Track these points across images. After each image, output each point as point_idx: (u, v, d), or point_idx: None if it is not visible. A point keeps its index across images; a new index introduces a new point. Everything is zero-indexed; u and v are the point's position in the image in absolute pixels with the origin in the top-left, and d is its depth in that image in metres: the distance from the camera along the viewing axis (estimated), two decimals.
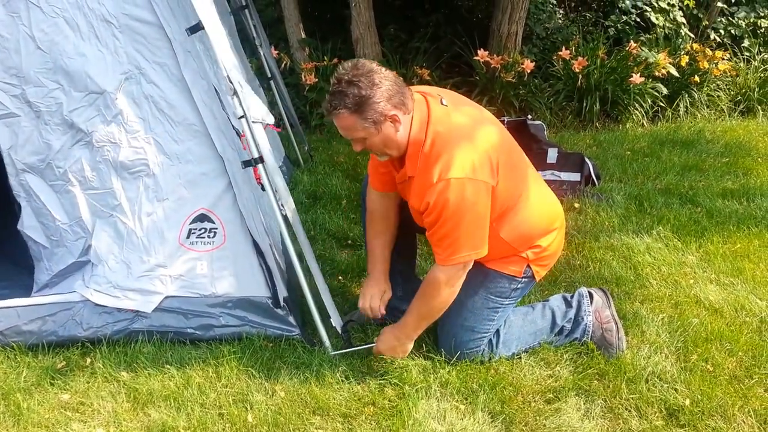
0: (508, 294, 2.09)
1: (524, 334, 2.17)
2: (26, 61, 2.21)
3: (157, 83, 2.23)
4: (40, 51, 2.21)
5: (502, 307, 2.10)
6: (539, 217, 2.06)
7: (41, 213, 2.31)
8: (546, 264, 2.14)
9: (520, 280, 2.08)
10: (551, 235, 2.09)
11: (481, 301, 2.07)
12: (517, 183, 1.99)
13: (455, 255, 1.88)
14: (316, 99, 4.59)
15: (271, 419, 1.86)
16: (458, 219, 1.83)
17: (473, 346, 2.10)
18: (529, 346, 2.17)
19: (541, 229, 2.06)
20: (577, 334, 2.20)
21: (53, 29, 2.20)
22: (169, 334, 2.22)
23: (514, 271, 2.06)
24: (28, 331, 2.18)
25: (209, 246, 2.29)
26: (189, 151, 2.27)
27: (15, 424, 1.85)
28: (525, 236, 2.03)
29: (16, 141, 2.26)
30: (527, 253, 2.05)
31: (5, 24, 2.19)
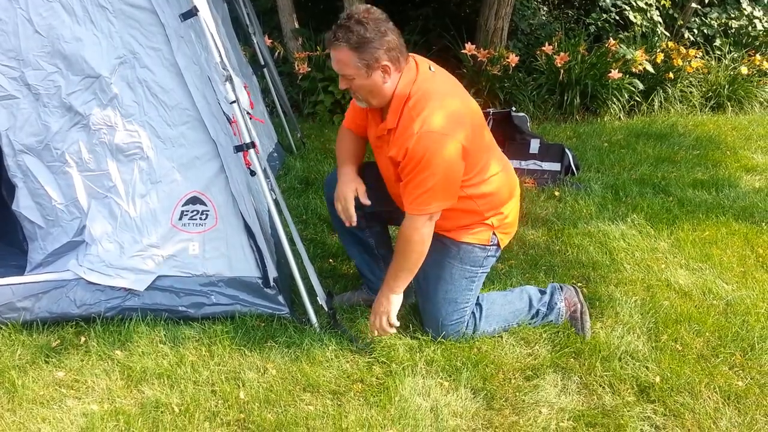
0: (481, 262, 2.11)
1: (504, 312, 2.18)
2: (25, 44, 2.14)
3: (150, 68, 2.17)
4: (38, 35, 2.14)
5: (476, 276, 2.12)
6: (502, 185, 2.08)
7: (37, 193, 2.25)
8: (508, 232, 2.17)
9: (489, 248, 2.10)
10: (511, 203, 2.13)
11: (458, 272, 2.08)
12: (483, 151, 2.01)
13: (426, 206, 1.88)
14: (308, 88, 4.53)
15: (263, 396, 1.83)
16: (433, 171, 1.83)
17: (456, 317, 2.10)
18: (509, 324, 2.18)
19: (504, 196, 2.09)
20: (551, 317, 2.21)
21: (50, 13, 2.12)
22: (163, 312, 2.18)
23: (483, 240, 2.08)
24: (22, 308, 2.13)
25: (201, 227, 2.25)
26: (182, 135, 2.21)
27: (9, 401, 1.81)
28: (491, 201, 2.05)
29: (14, 122, 2.19)
30: (492, 220, 2.07)
31: (3, 7, 2.11)
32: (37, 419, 1.73)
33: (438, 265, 2.06)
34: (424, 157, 1.82)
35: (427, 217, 1.91)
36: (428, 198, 1.87)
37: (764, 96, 5.29)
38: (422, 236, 1.93)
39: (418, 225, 1.91)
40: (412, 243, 1.93)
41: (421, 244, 1.94)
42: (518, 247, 2.79)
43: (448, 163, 1.84)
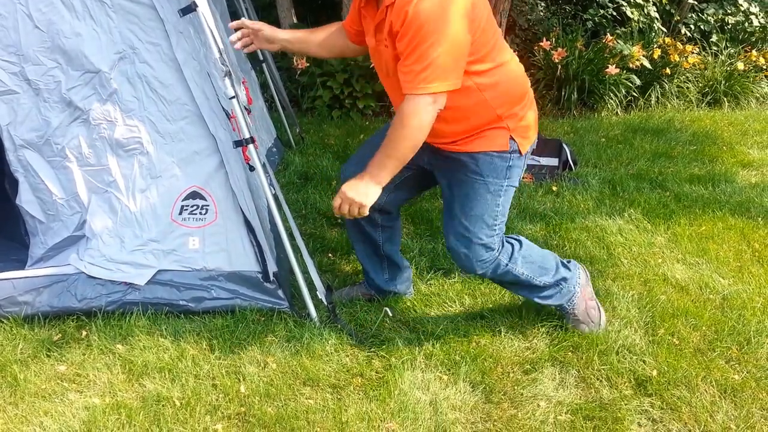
0: (504, 173, 1.89)
1: (538, 261, 2.06)
2: (25, 39, 2.12)
3: (150, 63, 2.16)
4: (38, 30, 2.12)
5: (502, 189, 1.91)
6: (514, 79, 1.86)
7: (38, 188, 2.24)
8: (527, 136, 1.92)
9: (510, 156, 1.88)
10: (526, 105, 1.91)
11: (481, 186, 1.88)
12: (492, 30, 1.78)
13: (428, 83, 1.62)
14: (307, 83, 4.51)
15: (263, 390, 1.83)
16: (437, 39, 1.60)
17: (486, 237, 1.91)
18: (534, 277, 2.04)
19: (516, 93, 1.86)
20: (563, 301, 2.11)
21: (50, 9, 2.10)
22: (163, 307, 2.17)
23: (500, 145, 1.86)
24: (23, 302, 2.12)
25: (201, 222, 2.24)
26: (182, 130, 2.20)
27: (12, 395, 1.80)
28: (502, 95, 1.82)
29: (15, 117, 2.18)
30: (507, 122, 1.85)
31: (3, 3, 2.09)
32: (39, 413, 1.73)
33: (459, 183, 1.90)
34: (426, 23, 1.59)
35: (430, 99, 1.65)
36: (431, 73, 1.62)
37: (760, 92, 5.28)
38: (421, 122, 1.66)
39: (419, 107, 1.65)
40: (408, 128, 1.67)
41: (418, 130, 1.67)
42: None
43: (454, 30, 1.61)
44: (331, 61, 4.47)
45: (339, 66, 4.45)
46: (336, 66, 4.45)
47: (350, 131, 4.22)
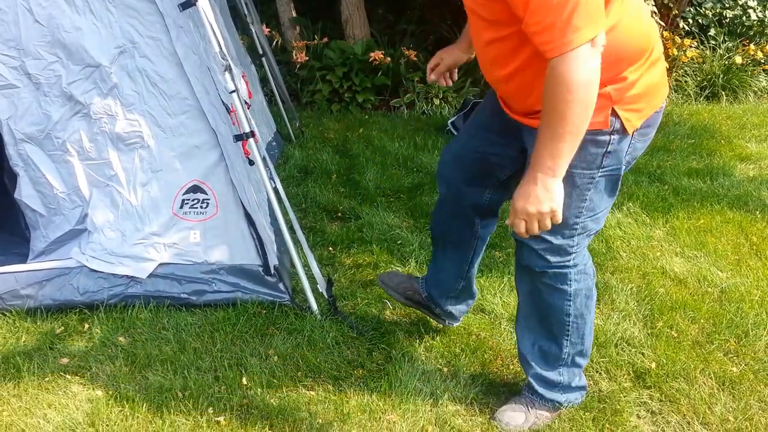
0: (599, 162, 1.47)
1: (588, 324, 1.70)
2: (25, 34, 2.11)
3: (150, 57, 2.15)
4: (38, 24, 2.11)
5: (593, 182, 1.50)
6: (629, 33, 1.40)
7: (39, 182, 2.23)
8: (638, 109, 1.46)
9: (609, 138, 1.45)
10: (641, 67, 1.44)
11: (567, 179, 1.40)
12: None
13: (575, 34, 1.24)
14: (306, 77, 4.50)
15: (265, 382, 1.84)
16: None
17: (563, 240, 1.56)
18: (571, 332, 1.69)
19: (631, 50, 1.42)
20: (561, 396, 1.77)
21: (50, 3, 2.10)
22: (165, 300, 2.18)
23: (596, 122, 1.40)
24: (26, 295, 2.13)
25: (202, 216, 2.24)
26: (182, 124, 2.20)
27: (15, 387, 1.80)
28: (611, 51, 1.36)
29: (15, 111, 2.17)
30: (608, 89, 1.40)
31: None
32: (42, 405, 1.73)
33: None
34: None
35: (587, 48, 1.26)
36: (578, 19, 1.23)
37: (758, 85, 5.28)
38: (589, 74, 1.28)
39: (578, 63, 1.26)
40: (575, 90, 1.28)
41: (588, 87, 1.28)
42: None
43: None
44: (330, 55, 4.46)
45: (338, 60, 4.44)
46: (335, 60, 4.44)
47: (349, 125, 4.21)
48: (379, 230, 2.79)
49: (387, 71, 4.46)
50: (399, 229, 2.82)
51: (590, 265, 1.67)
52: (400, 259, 2.58)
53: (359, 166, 3.49)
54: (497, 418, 1.74)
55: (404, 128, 4.15)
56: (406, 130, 4.11)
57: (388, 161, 3.57)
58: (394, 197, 3.17)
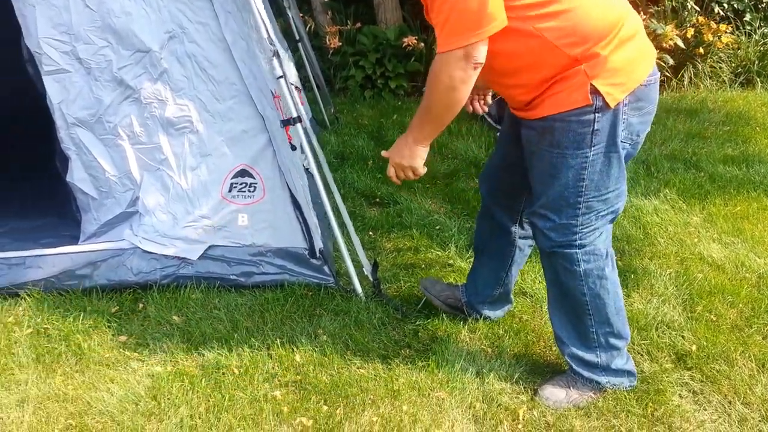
0: (589, 141, 1.55)
1: (614, 305, 1.76)
2: (76, 19, 2.20)
3: (199, 43, 2.23)
4: (89, 9, 2.19)
5: (587, 160, 1.57)
6: (592, 13, 1.50)
7: (91, 166, 2.34)
8: (619, 83, 1.52)
9: (593, 116, 1.53)
10: (611, 44, 1.50)
11: (559, 160, 1.58)
12: None
13: (450, 37, 1.45)
14: (339, 62, 4.57)
15: (317, 359, 1.94)
16: None
17: (567, 219, 1.65)
18: (594, 313, 1.76)
19: (594, 28, 1.49)
20: (601, 377, 1.84)
21: None
22: (215, 281, 2.28)
23: (576, 101, 1.52)
24: (81, 275, 2.24)
25: (249, 200, 2.33)
26: (231, 109, 2.29)
27: (78, 363, 1.92)
28: (572, 32, 1.49)
29: (67, 96, 2.26)
30: (582, 67, 1.50)
31: None
32: (105, 379, 1.85)
33: (536, 157, 1.65)
34: None
35: (459, 54, 1.45)
36: (452, 25, 1.44)
37: None
38: (451, 81, 1.48)
39: (447, 65, 1.47)
40: (437, 89, 1.52)
41: (449, 90, 1.50)
42: None
43: None
44: (363, 40, 4.52)
45: (371, 46, 4.49)
46: (368, 45, 4.50)
47: (383, 111, 4.28)
48: (418, 215, 2.88)
49: (420, 57, 4.51)
50: (437, 214, 2.91)
51: (603, 248, 1.71)
52: (440, 244, 2.66)
53: None
54: (539, 393, 1.83)
55: None
56: None
57: None
58: (430, 183, 3.25)
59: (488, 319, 2.14)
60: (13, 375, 1.86)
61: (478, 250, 2.09)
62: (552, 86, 1.55)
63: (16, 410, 1.72)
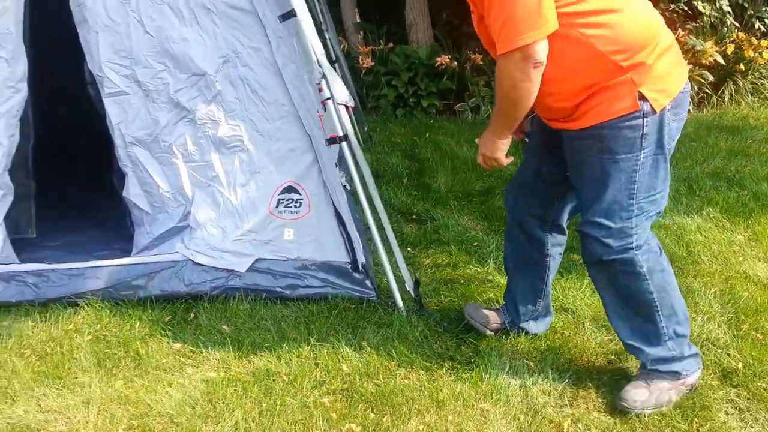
0: (639, 144, 1.67)
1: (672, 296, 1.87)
2: (136, 44, 2.39)
3: (251, 67, 2.40)
4: (149, 35, 2.39)
5: (638, 163, 1.69)
6: (635, 24, 1.63)
7: (146, 182, 2.51)
8: (663, 89, 1.65)
9: (641, 120, 1.64)
10: (654, 52, 1.64)
11: (610, 165, 1.69)
12: None
13: (509, 39, 1.55)
14: (372, 81, 4.75)
15: (363, 369, 2.04)
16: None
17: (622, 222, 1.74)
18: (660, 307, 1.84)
19: (638, 38, 1.62)
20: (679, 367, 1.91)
21: (159, 15, 2.37)
22: (262, 293, 2.42)
23: (625, 107, 1.64)
24: (136, 286, 2.40)
25: (295, 215, 2.48)
26: (279, 129, 2.44)
27: (137, 368, 2.07)
28: (619, 41, 1.61)
29: (125, 117, 2.45)
30: (629, 75, 1.62)
31: (116, 10, 2.37)
32: (163, 384, 1.99)
33: (584, 165, 1.75)
34: None
35: (518, 55, 1.56)
36: (508, 29, 1.54)
37: None
38: (513, 81, 1.60)
39: (507, 66, 1.59)
40: (502, 88, 1.65)
41: (512, 89, 1.62)
42: None
43: None
44: (395, 60, 4.70)
45: (403, 65, 4.66)
46: (400, 65, 4.67)
47: (416, 129, 4.42)
48: (455, 232, 2.98)
49: (452, 75, 4.66)
50: (474, 231, 3.01)
51: (655, 244, 1.83)
52: (479, 260, 2.76)
53: (429, 169, 3.70)
54: (622, 398, 1.88)
55: (470, 132, 4.34)
56: (473, 135, 4.28)
57: (457, 165, 3.77)
58: (466, 200, 3.35)
59: (531, 334, 2.21)
60: (76, 378, 2.01)
61: (510, 267, 2.19)
62: (596, 94, 1.65)
63: (81, 410, 1.86)
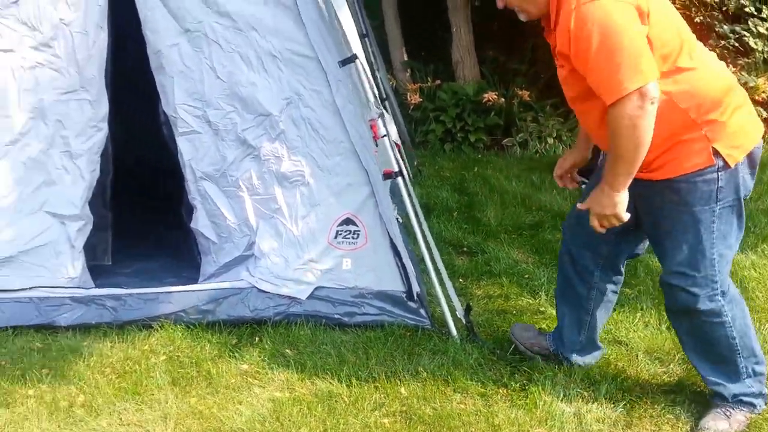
0: (714, 197, 1.82)
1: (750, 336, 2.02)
2: (208, 88, 2.67)
3: (313, 107, 2.65)
4: (220, 80, 2.66)
5: (715, 213, 1.84)
6: (710, 82, 1.81)
7: (214, 214, 2.76)
8: (737, 145, 1.81)
9: (715, 174, 1.80)
10: (728, 110, 1.80)
11: (688, 217, 1.86)
12: (674, 34, 1.80)
13: (620, 85, 1.66)
14: (420, 117, 4.99)
15: (420, 393, 2.19)
16: (608, 44, 1.67)
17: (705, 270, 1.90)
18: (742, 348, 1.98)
19: (713, 96, 1.80)
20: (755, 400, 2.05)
21: (230, 62, 2.65)
22: (321, 319, 2.61)
23: (700, 162, 1.80)
24: (205, 310, 2.62)
25: (353, 246, 2.67)
26: (338, 164, 2.67)
27: (208, 386, 2.26)
28: (695, 98, 1.78)
29: (196, 153, 2.72)
30: (704, 131, 1.78)
31: (190, 57, 2.66)
32: (233, 401, 2.17)
33: (663, 217, 1.91)
34: (591, 32, 1.68)
35: (635, 98, 1.67)
36: (619, 76, 1.66)
37: None
38: (632, 120, 1.68)
39: (626, 110, 1.68)
40: (620, 133, 1.71)
41: (634, 129, 1.69)
42: (645, 273, 3.02)
43: (620, 23, 1.67)
44: (442, 96, 4.94)
45: (450, 101, 4.90)
46: (447, 101, 4.90)
47: (464, 164, 4.61)
48: (506, 264, 3.12)
49: (499, 111, 4.86)
50: (525, 264, 3.14)
51: (734, 287, 2.02)
52: (530, 292, 2.88)
53: (478, 203, 3.86)
54: (704, 428, 2.00)
55: (519, 167, 4.50)
56: (521, 169, 4.45)
57: (507, 199, 3.92)
58: (516, 234, 3.50)
59: (577, 365, 2.31)
60: (153, 395, 2.22)
61: (559, 296, 2.35)
62: (673, 148, 1.82)
63: (160, 424, 2.06)
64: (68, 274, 2.68)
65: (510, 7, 1.91)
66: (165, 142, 2.97)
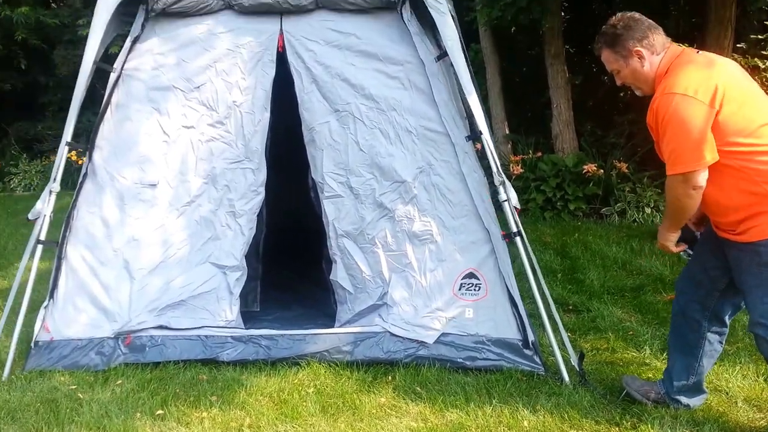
0: None
1: None
2: (352, 158, 3.34)
3: (442, 175, 3.26)
4: (362, 152, 3.33)
5: None
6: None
7: (351, 267, 3.36)
8: None
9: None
10: None
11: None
12: (749, 120, 2.26)
13: (673, 166, 2.25)
14: (521, 186, 5.53)
15: (540, 428, 2.62)
16: (673, 131, 2.23)
17: None
18: None
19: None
20: None
21: (371, 136, 3.32)
22: (446, 362, 3.10)
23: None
24: (345, 351, 3.18)
25: (475, 297, 3.19)
26: (462, 225, 3.23)
27: (353, 413, 2.78)
28: None
29: (338, 214, 3.36)
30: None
31: (338, 133, 3.35)
32: (377, 428, 2.68)
33: (750, 274, 2.34)
34: (664, 118, 2.24)
35: (679, 178, 2.26)
36: (674, 158, 2.25)
37: None
38: (676, 196, 2.31)
39: (672, 184, 2.29)
40: (669, 198, 2.35)
41: (676, 200, 2.32)
42: (743, 332, 3.34)
43: (684, 120, 2.20)
44: (542, 167, 5.48)
45: (551, 172, 5.43)
46: (548, 172, 5.44)
47: (565, 230, 5.08)
48: (611, 321, 3.53)
49: (598, 182, 5.34)
50: (628, 322, 3.53)
51: None
52: (635, 346, 3.27)
53: (580, 267, 4.30)
54: None
55: (617, 234, 4.91)
56: (620, 236, 4.86)
57: (608, 263, 4.34)
58: (619, 295, 3.90)
59: (683, 406, 2.68)
60: (307, 420, 2.75)
61: (671, 344, 2.76)
62: (756, 216, 2.29)
63: None
64: (227, 317, 3.33)
65: (627, 84, 2.50)
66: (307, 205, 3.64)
